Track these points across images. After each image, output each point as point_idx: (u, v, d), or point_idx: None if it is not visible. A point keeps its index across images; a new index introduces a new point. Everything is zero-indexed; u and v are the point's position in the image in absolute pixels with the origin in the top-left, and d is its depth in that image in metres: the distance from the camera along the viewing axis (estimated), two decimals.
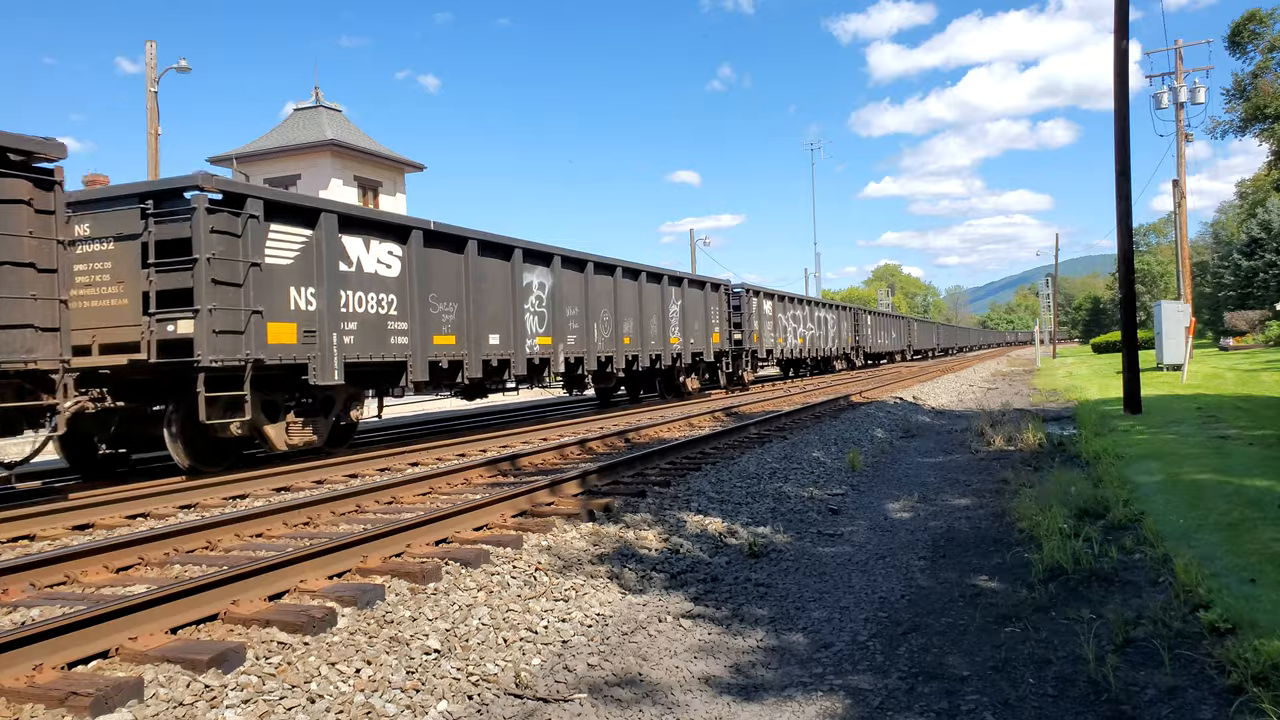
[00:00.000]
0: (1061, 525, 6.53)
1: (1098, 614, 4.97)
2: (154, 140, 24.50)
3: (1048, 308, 67.50)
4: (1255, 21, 43.59)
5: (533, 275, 15.99)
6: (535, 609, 5.35)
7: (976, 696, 4.08)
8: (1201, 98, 37.74)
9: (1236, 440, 10.71)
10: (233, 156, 39.54)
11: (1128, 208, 15.32)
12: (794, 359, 33.50)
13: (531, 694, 4.29)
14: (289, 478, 10.43)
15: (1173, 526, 6.60)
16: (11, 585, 5.69)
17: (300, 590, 5.36)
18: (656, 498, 8.36)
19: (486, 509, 7.40)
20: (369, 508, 8.41)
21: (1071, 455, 11.03)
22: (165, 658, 4.23)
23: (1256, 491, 7.56)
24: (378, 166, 42.58)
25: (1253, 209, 66.13)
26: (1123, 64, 15.07)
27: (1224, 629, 4.41)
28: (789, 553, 6.98)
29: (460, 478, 9.89)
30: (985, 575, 6.07)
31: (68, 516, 8.27)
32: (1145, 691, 3.97)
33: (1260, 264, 57.74)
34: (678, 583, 6.13)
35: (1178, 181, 38.44)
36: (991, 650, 4.65)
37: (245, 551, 6.77)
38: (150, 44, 24.31)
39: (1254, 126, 45.30)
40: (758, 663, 4.67)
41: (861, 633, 5.07)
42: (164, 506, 8.97)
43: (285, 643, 4.51)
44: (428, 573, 5.61)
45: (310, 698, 3.97)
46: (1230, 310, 55.52)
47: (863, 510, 8.65)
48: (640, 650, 4.85)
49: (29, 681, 3.92)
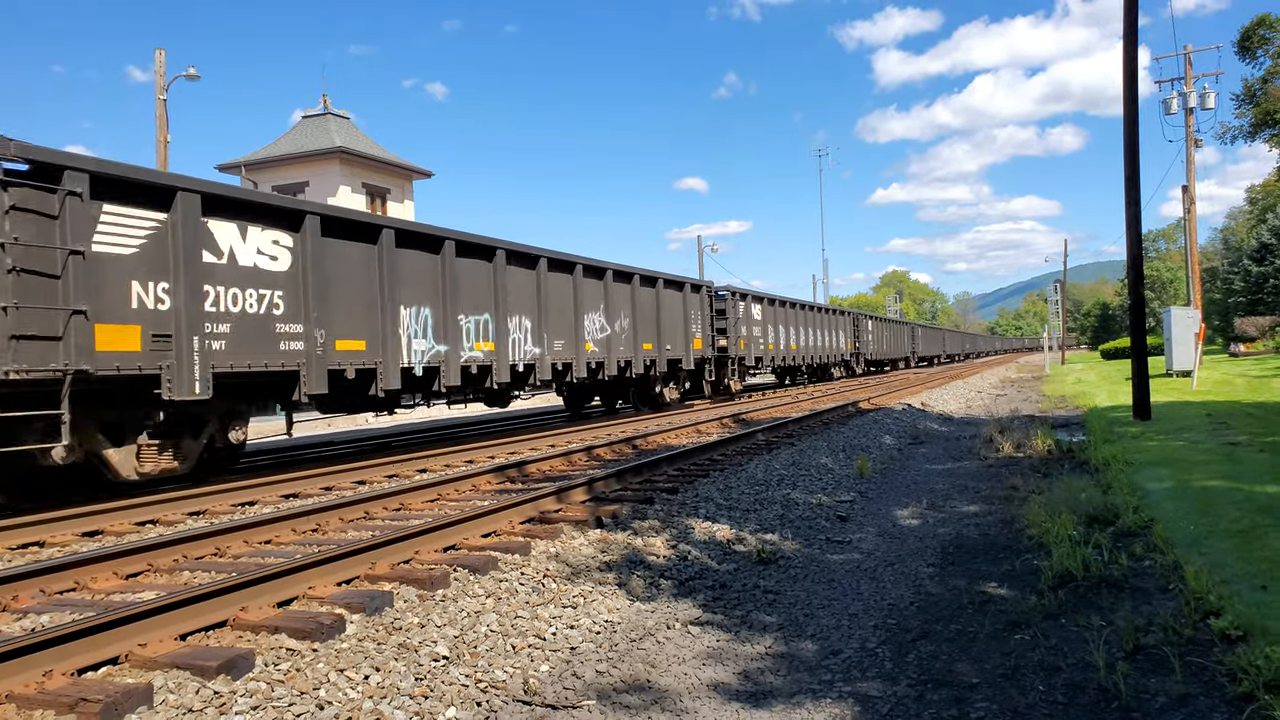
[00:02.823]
0: (1071, 532, 6.50)
1: (1108, 621, 4.94)
2: (163, 147, 24.63)
3: (1056, 314, 67.31)
4: (1265, 26, 43.52)
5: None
6: (544, 616, 5.35)
7: (986, 704, 4.06)
8: (1211, 103, 37.61)
9: (1247, 447, 10.65)
10: (241, 164, 39.76)
11: (1137, 213, 15.27)
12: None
13: (540, 701, 4.29)
14: (297, 484, 10.46)
15: (1183, 533, 6.56)
16: (21, 591, 5.71)
17: (309, 597, 5.37)
18: (664, 504, 8.36)
19: (495, 516, 7.40)
20: (377, 514, 8.42)
21: (1081, 462, 10.98)
22: (174, 664, 4.24)
23: (1268, 498, 7.52)
24: (386, 173, 42.76)
25: (1263, 214, 65.83)
26: (1131, 72, 15.05)
27: (1235, 636, 4.39)
28: (797, 560, 6.96)
29: (468, 484, 9.90)
30: (994, 582, 6.05)
31: (77, 523, 8.31)
32: (1156, 699, 3.95)
33: (1270, 270, 57.44)
34: (686, 590, 6.12)
35: (1187, 187, 38.30)
36: (1001, 657, 4.63)
37: (254, 558, 6.79)
38: (159, 52, 24.47)
39: (1264, 132, 45.21)
40: (766, 669, 4.66)
41: (870, 640, 5.05)
42: (173, 513, 9.00)
43: (294, 649, 4.52)
44: (436, 579, 5.62)
45: (319, 704, 3.98)
46: (1240, 316, 55.21)
47: (871, 517, 8.62)
48: (649, 657, 4.84)
49: (39, 687, 3.94)
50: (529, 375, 15.62)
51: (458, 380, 13.44)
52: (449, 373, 13.23)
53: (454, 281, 13.40)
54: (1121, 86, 15.09)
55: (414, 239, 12.77)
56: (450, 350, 13.26)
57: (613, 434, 15.73)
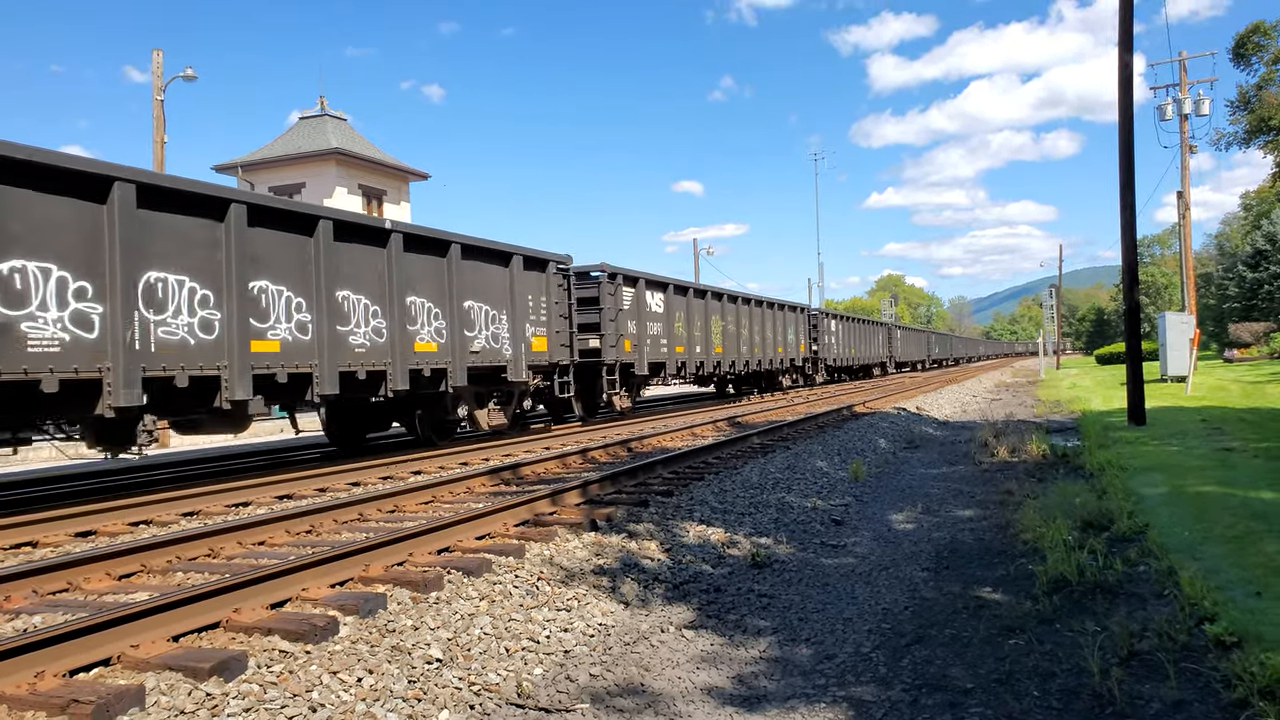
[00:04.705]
0: (1066, 537, 6.51)
1: (1102, 626, 4.95)
2: (160, 148, 24.59)
3: (1051, 319, 67.41)
4: (1260, 33, 43.66)
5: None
6: (537, 618, 5.34)
7: (980, 709, 4.06)
8: (1206, 109, 37.73)
9: (1241, 453, 10.67)
10: (238, 164, 39.70)
11: (1132, 219, 15.31)
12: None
13: (533, 704, 4.28)
14: (291, 485, 10.43)
15: (1178, 539, 6.57)
16: (14, 592, 5.69)
17: (302, 599, 5.36)
18: (659, 507, 8.35)
19: (489, 518, 7.39)
20: (371, 516, 8.40)
21: (1076, 467, 10.99)
22: (167, 665, 4.22)
23: (1262, 504, 7.53)
24: (382, 175, 42.73)
25: (1257, 221, 66.12)
26: (1127, 80, 15.09)
27: (1230, 642, 4.39)
28: (792, 564, 6.95)
29: (463, 486, 9.88)
30: (989, 587, 6.05)
31: (70, 523, 8.28)
32: (1150, 705, 3.95)
33: (1265, 276, 57.68)
34: (680, 593, 6.11)
35: (1182, 193, 38.43)
36: (995, 662, 4.63)
37: (247, 559, 6.77)
38: (157, 52, 24.42)
39: (1258, 139, 45.34)
40: (760, 674, 4.65)
41: (865, 644, 5.05)
42: (167, 514, 8.97)
43: (287, 651, 4.50)
44: (430, 582, 5.60)
45: (312, 707, 3.96)
46: (1235, 322, 55.36)
47: (866, 521, 8.62)
48: (643, 660, 4.83)
49: (31, 689, 3.92)
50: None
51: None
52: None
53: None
54: (1117, 93, 15.13)
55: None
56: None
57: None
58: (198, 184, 9.69)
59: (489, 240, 14.61)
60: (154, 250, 9.08)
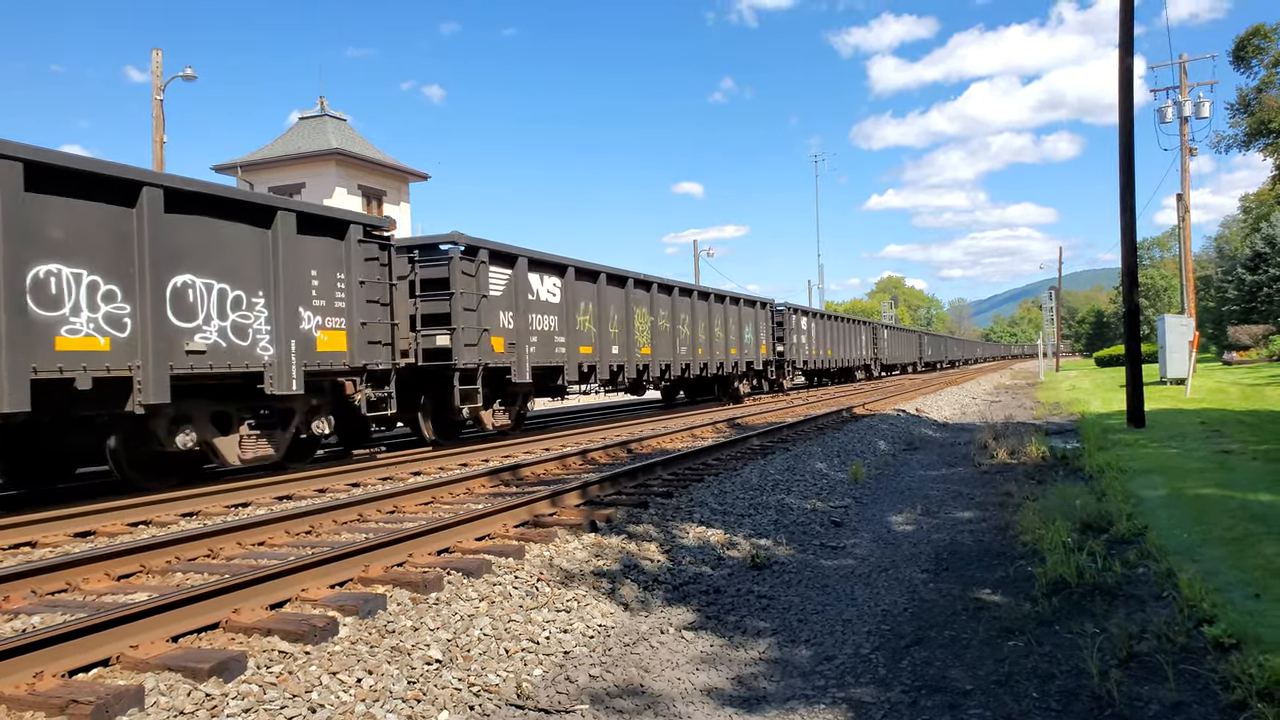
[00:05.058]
0: (1065, 539, 6.51)
1: (1101, 628, 4.95)
2: (159, 148, 24.60)
3: (1051, 321, 67.39)
4: (1260, 36, 43.68)
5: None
6: (537, 619, 5.34)
7: (979, 710, 4.06)
8: (1206, 112, 37.78)
9: (1240, 455, 10.68)
10: (237, 165, 39.71)
11: (1132, 221, 15.32)
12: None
13: (533, 705, 4.28)
14: (291, 486, 10.43)
15: (1177, 541, 6.57)
16: (13, 592, 5.69)
17: (302, 599, 5.36)
18: (659, 508, 8.35)
19: (488, 519, 7.39)
20: (371, 517, 8.40)
21: (1075, 469, 11.00)
22: (166, 666, 4.22)
23: (1261, 506, 7.53)
24: (382, 175, 42.75)
25: (1256, 223, 66.14)
26: (1127, 82, 15.10)
27: (1228, 644, 4.39)
28: (791, 565, 6.96)
29: (462, 487, 9.88)
30: (988, 588, 6.05)
31: (69, 523, 8.27)
32: (1149, 707, 3.95)
33: (1264, 278, 57.68)
34: (680, 594, 6.11)
35: (1182, 196, 38.46)
36: (995, 664, 4.63)
37: (247, 560, 6.77)
38: (156, 52, 24.43)
39: (1258, 141, 45.35)
40: (760, 675, 4.65)
41: (864, 645, 5.05)
42: (166, 514, 8.97)
43: (286, 652, 4.50)
44: (429, 582, 5.60)
45: (311, 707, 3.96)
46: (1234, 324, 55.38)
47: (866, 522, 8.62)
48: (642, 661, 4.84)
49: (29, 689, 3.92)
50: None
51: None
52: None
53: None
54: (1117, 95, 15.14)
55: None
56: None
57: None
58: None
59: (225, 187, 10.37)
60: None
